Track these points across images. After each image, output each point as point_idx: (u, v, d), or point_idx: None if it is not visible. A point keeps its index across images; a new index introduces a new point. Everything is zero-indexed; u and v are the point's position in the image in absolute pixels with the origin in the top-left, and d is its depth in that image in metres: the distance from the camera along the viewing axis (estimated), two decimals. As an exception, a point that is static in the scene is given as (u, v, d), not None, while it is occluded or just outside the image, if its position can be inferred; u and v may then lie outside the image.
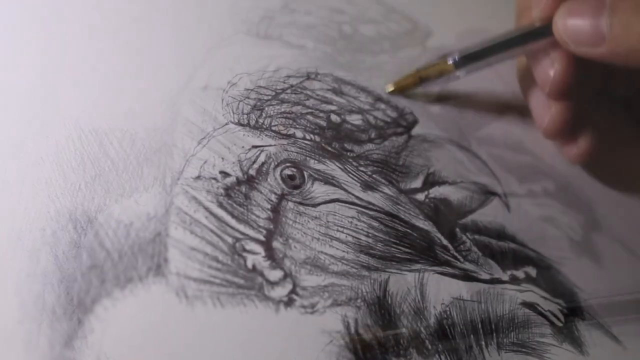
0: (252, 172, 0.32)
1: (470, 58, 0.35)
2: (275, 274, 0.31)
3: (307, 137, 0.34)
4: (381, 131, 0.35)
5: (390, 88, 0.37)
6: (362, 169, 0.34)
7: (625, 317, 0.35)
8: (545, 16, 0.34)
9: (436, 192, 0.35)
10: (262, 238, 0.31)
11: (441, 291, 0.33)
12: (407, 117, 0.36)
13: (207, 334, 0.29)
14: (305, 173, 0.33)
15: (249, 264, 0.31)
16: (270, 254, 0.31)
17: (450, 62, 0.35)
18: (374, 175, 0.34)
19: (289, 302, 0.30)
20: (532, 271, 0.35)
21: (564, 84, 0.34)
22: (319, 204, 0.33)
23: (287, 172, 0.33)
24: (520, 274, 0.34)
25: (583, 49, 0.32)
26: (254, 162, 0.33)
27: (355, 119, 0.35)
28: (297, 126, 0.34)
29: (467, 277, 0.33)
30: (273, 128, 0.34)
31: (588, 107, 0.36)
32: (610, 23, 0.31)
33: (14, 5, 0.32)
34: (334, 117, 0.35)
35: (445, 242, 0.34)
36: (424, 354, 0.31)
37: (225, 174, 0.32)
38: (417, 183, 0.35)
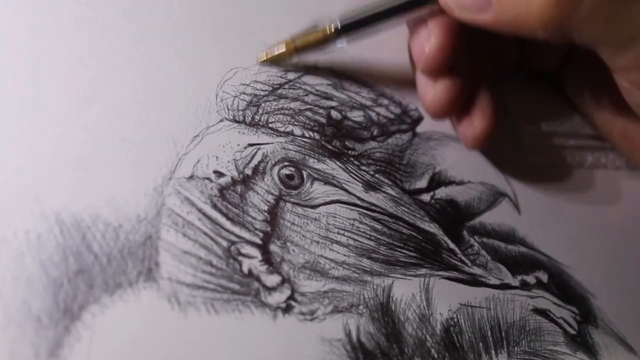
0: (248, 171, 0.32)
1: (351, 26, 0.33)
2: (272, 279, 0.31)
3: (306, 135, 0.34)
4: (384, 128, 0.35)
5: (263, 58, 0.34)
6: (364, 168, 0.34)
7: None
8: None
9: (442, 192, 0.35)
10: (258, 241, 0.31)
11: (448, 297, 0.32)
12: (412, 113, 0.36)
13: (201, 342, 0.29)
14: (304, 173, 0.33)
15: (245, 269, 0.30)
16: (267, 258, 0.31)
17: (330, 30, 0.33)
18: (376, 175, 0.34)
19: (287, 309, 0.30)
20: (544, 276, 0.34)
21: (438, 60, 0.31)
22: (318, 205, 0.33)
23: (285, 171, 0.33)
24: (531, 279, 0.34)
25: (467, 14, 0.30)
26: (250, 161, 0.32)
27: (356, 116, 0.35)
28: (296, 123, 0.34)
29: (475, 282, 0.33)
30: (270, 125, 0.33)
31: (496, 82, 0.34)
32: None
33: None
34: (334, 114, 0.34)
35: (452, 245, 0.34)
36: (430, 364, 0.31)
37: (219, 174, 0.32)
38: (422, 183, 0.35)
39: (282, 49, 0.34)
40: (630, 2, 0.27)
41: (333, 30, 0.33)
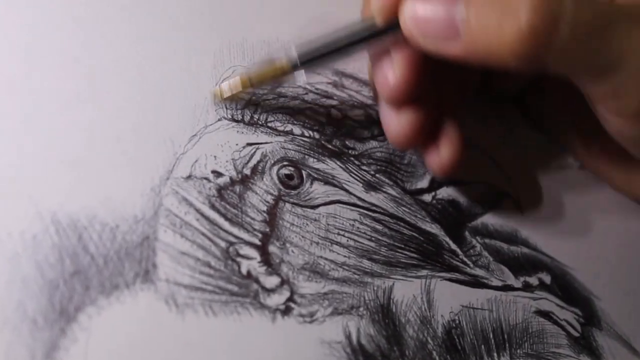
0: (246, 171, 0.32)
1: (309, 60, 0.31)
2: (271, 281, 0.30)
3: (306, 134, 0.34)
4: None
5: (218, 97, 0.33)
6: (364, 168, 0.34)
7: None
8: (390, 3, 0.29)
9: (444, 192, 0.35)
10: (257, 242, 0.31)
11: (449, 299, 0.32)
12: None
13: (199, 344, 0.29)
14: (303, 172, 0.33)
15: (244, 270, 0.30)
16: (266, 259, 0.31)
17: (286, 64, 0.31)
18: (377, 175, 0.34)
19: (286, 311, 0.30)
20: (547, 277, 0.34)
21: (403, 92, 0.30)
22: (318, 206, 0.32)
23: (285, 171, 0.32)
24: (533, 280, 0.34)
25: (433, 44, 0.28)
26: (249, 160, 0.32)
27: (357, 115, 0.35)
28: (295, 122, 0.34)
29: (477, 283, 0.33)
30: (269, 124, 0.33)
31: (460, 108, 0.33)
32: (466, 14, 0.27)
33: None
34: (334, 113, 0.34)
35: (453, 246, 0.34)
36: (431, 366, 0.30)
37: (217, 174, 0.32)
38: (424, 183, 0.35)
39: (238, 87, 0.32)
40: (605, 30, 0.26)
41: (290, 65, 0.31)
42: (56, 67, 0.31)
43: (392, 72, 0.30)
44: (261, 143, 0.33)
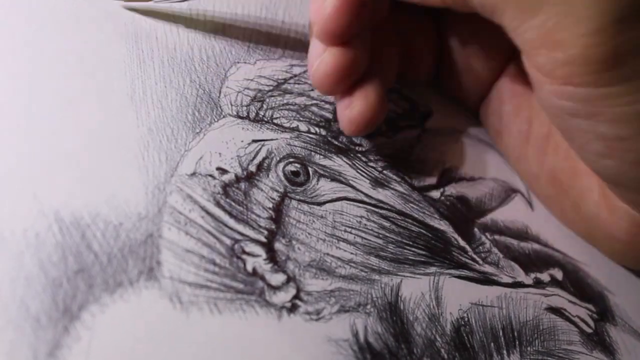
0: (252, 168, 0.32)
1: None
2: (277, 278, 0.30)
3: (312, 131, 0.34)
4: (393, 123, 0.35)
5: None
6: (371, 164, 0.34)
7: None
8: None
9: (453, 189, 0.35)
10: (263, 239, 0.31)
11: (458, 296, 0.32)
12: (421, 108, 0.36)
13: (204, 342, 0.28)
14: (310, 169, 0.33)
15: (249, 267, 0.30)
16: (271, 256, 0.31)
17: None
18: (384, 171, 0.34)
19: (292, 308, 0.30)
20: (558, 273, 0.34)
21: (335, 22, 0.29)
22: (324, 203, 0.32)
23: (291, 168, 0.32)
24: (545, 276, 0.34)
25: None
26: (254, 157, 0.32)
27: None
28: (301, 119, 0.34)
29: (487, 280, 0.33)
30: (275, 121, 0.33)
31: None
32: None
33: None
34: None
35: (462, 243, 0.34)
36: (440, 365, 0.30)
37: (222, 171, 0.32)
38: (432, 180, 0.35)
39: None
40: None
41: None
42: (59, 65, 0.32)
43: (330, 1, 0.29)
44: (267, 140, 0.33)
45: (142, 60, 0.33)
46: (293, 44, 0.35)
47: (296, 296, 0.30)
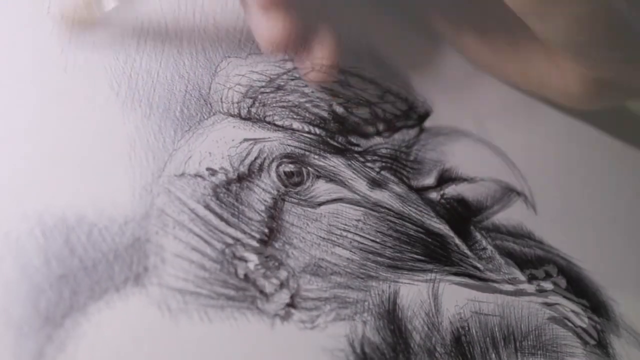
0: (243, 168, 0.32)
1: None
2: (270, 284, 0.30)
3: (307, 129, 0.33)
4: (390, 123, 0.35)
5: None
6: (369, 164, 0.34)
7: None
8: None
9: (451, 190, 0.35)
10: (255, 244, 0.31)
11: (455, 293, 0.32)
12: (419, 108, 0.36)
13: (193, 351, 0.28)
14: (304, 170, 0.32)
15: (241, 273, 0.30)
16: (264, 261, 0.30)
17: None
18: (382, 172, 0.34)
19: (285, 316, 0.30)
20: (553, 270, 0.34)
21: None
22: (320, 205, 0.32)
23: (285, 168, 0.32)
24: (540, 273, 0.34)
25: None
26: (246, 157, 0.32)
27: (361, 112, 0.35)
28: (295, 117, 0.33)
29: (482, 277, 0.33)
30: (267, 119, 0.33)
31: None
32: None
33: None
34: (337, 108, 0.34)
35: (459, 241, 0.33)
36: (439, 374, 0.30)
37: (212, 171, 0.31)
38: (431, 180, 0.35)
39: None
40: None
41: None
42: (41, 62, 0.31)
43: None
44: (259, 139, 0.32)
45: (128, 54, 0.32)
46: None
47: (290, 304, 0.30)
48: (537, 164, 0.37)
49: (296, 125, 0.33)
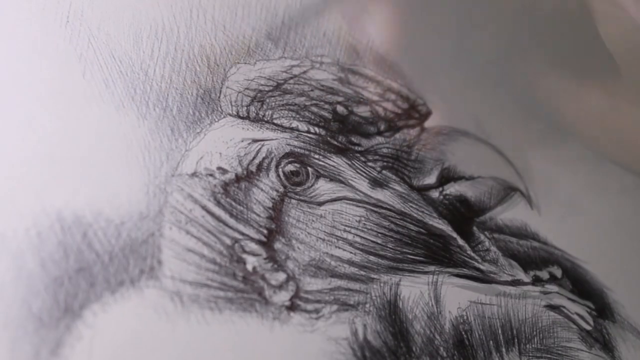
0: (252, 168, 0.32)
1: None
2: (277, 277, 0.31)
3: (312, 131, 0.34)
4: (391, 123, 0.35)
5: None
6: (370, 164, 0.34)
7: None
8: None
9: (452, 188, 0.35)
10: (263, 239, 0.31)
11: (457, 294, 0.32)
12: (420, 108, 0.36)
13: (204, 340, 0.29)
14: (309, 169, 0.33)
15: (249, 267, 0.30)
16: (271, 255, 0.31)
17: None
18: (383, 171, 0.34)
19: (292, 307, 0.30)
20: (557, 271, 0.34)
21: None
22: (324, 202, 0.33)
23: (290, 167, 0.33)
24: (544, 274, 0.34)
25: None
26: (254, 157, 0.32)
27: (363, 111, 0.35)
28: (301, 119, 0.34)
29: (485, 279, 0.33)
30: (275, 121, 0.33)
31: None
32: None
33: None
34: (339, 109, 0.34)
35: (461, 241, 0.34)
36: (439, 363, 0.30)
37: (223, 170, 0.32)
38: (431, 179, 0.35)
39: None
40: None
41: None
42: (60, 65, 0.32)
43: None
44: (267, 140, 0.33)
45: (143, 61, 0.33)
46: (293, 44, 0.35)
47: (296, 295, 0.30)
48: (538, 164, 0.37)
49: (301, 126, 0.34)
